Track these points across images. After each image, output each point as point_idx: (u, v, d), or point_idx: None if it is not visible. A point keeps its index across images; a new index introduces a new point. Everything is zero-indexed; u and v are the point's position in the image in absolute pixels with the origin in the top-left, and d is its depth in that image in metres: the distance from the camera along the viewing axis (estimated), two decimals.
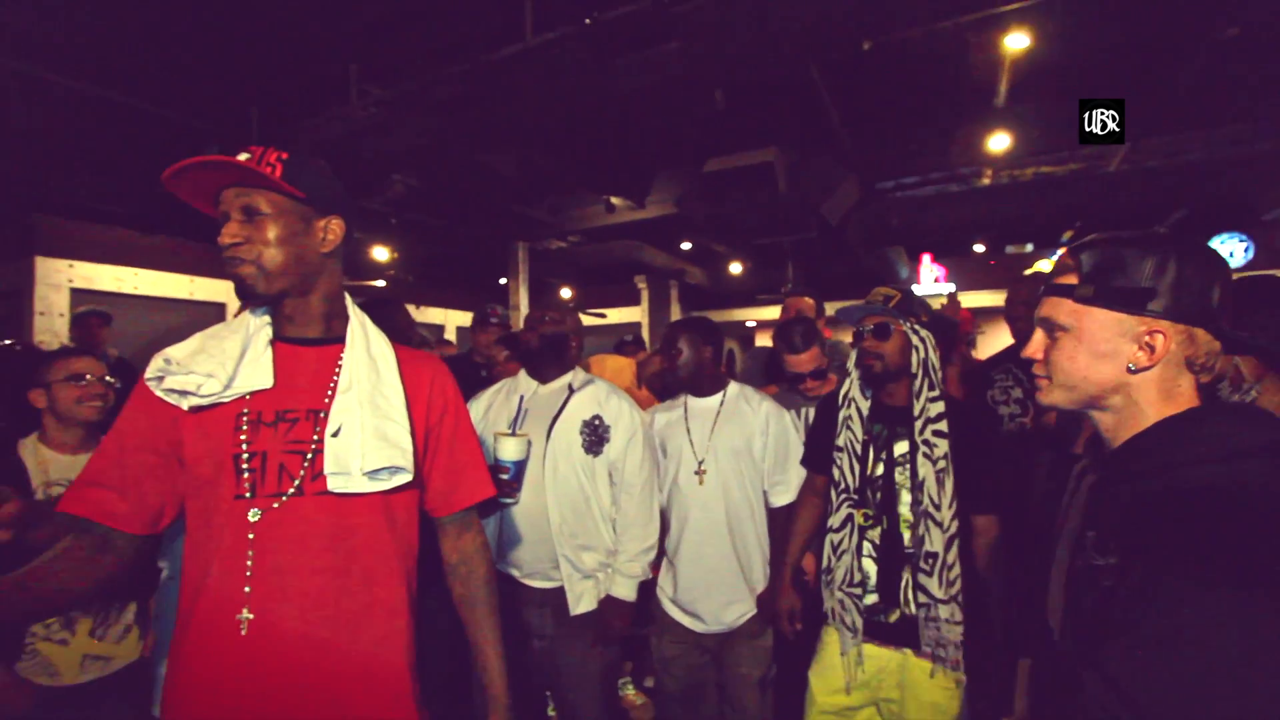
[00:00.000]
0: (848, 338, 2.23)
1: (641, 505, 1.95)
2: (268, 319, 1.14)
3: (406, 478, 1.10)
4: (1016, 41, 4.13)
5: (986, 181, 7.61)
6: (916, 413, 1.73)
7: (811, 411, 2.38)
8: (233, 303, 8.34)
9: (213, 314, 8.18)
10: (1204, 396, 0.85)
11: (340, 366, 1.12)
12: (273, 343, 1.12)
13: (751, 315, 13.72)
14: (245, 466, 1.04)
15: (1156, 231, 0.86)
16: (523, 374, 2.04)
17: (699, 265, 11.96)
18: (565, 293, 11.41)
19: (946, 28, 3.68)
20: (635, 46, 3.53)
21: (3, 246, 6.38)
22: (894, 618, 1.75)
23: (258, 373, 1.07)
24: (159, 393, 1.04)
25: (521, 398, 2.00)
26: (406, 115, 4.53)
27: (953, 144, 5.71)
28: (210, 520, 1.04)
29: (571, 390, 1.98)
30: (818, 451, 1.98)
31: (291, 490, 1.05)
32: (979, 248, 11.79)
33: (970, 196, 7.91)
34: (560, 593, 1.87)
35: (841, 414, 1.87)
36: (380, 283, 9.42)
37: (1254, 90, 4.81)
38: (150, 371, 1.06)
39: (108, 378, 1.93)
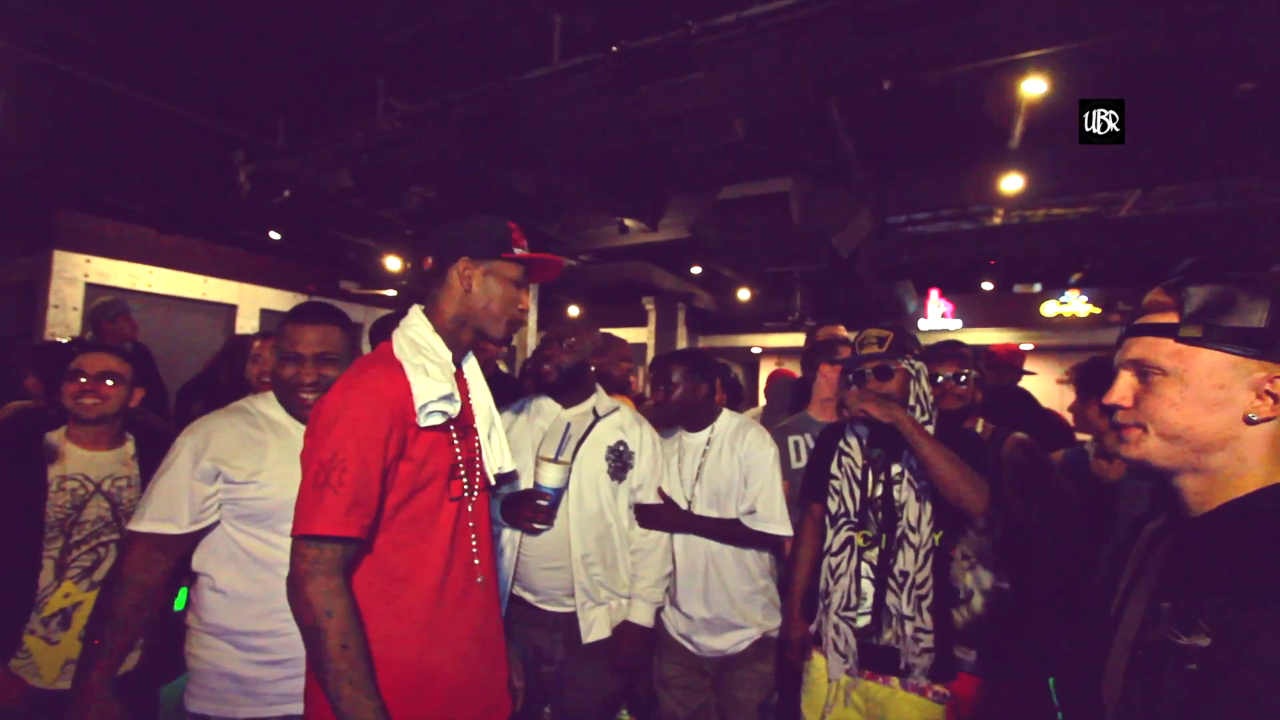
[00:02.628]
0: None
1: (661, 532, 1.95)
2: (444, 346, 1.35)
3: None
4: (1033, 87, 4.20)
5: (997, 221, 7.68)
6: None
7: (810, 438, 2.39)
8: (243, 304, 8.37)
9: (223, 314, 8.20)
10: None
11: (466, 378, 1.43)
12: None
13: (757, 341, 13.76)
14: (461, 471, 1.33)
15: (1269, 271, 0.79)
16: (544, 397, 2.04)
17: (707, 290, 12.03)
18: (573, 310, 11.44)
19: (965, 71, 3.74)
20: (660, 75, 3.59)
21: (22, 239, 6.46)
22: (886, 638, 1.77)
23: (457, 394, 1.32)
24: (422, 419, 1.22)
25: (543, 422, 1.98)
26: (430, 130, 4.59)
27: (966, 183, 5.77)
28: (435, 515, 1.28)
29: (597, 416, 1.96)
30: (819, 480, 2.00)
31: (479, 486, 1.39)
32: (987, 285, 11.84)
33: (981, 235, 7.97)
34: (573, 618, 1.85)
35: (840, 444, 1.94)
36: (392, 292, 9.48)
37: (1267, 144, 4.86)
38: (427, 401, 1.23)
39: (114, 373, 1.83)
